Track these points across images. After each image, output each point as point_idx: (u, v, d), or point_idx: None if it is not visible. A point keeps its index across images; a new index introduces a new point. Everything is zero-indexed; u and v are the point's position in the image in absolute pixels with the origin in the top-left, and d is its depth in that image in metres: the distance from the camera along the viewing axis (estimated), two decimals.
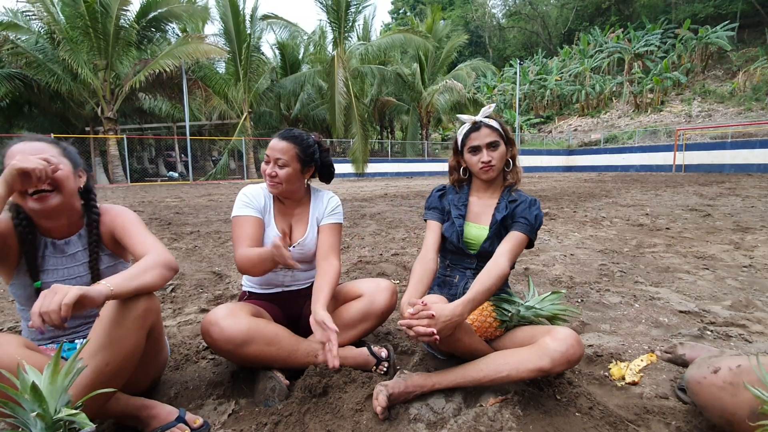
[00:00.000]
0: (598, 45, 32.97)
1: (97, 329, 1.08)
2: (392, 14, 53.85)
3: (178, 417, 1.21)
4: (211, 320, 1.33)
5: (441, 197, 1.62)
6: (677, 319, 2.05)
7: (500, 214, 1.48)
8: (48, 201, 1.18)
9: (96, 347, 1.06)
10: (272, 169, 1.52)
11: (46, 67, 15.18)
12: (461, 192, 1.60)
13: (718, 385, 1.03)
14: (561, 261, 3.27)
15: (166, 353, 1.44)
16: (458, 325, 1.22)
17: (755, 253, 3.35)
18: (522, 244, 1.43)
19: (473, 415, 1.22)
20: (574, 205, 7.07)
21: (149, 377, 1.36)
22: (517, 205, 1.49)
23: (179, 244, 4.16)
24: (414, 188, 12.65)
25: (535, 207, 1.48)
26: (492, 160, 1.47)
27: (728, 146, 19.16)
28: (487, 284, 1.28)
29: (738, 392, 0.98)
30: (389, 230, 4.82)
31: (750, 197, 7.64)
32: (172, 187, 15.63)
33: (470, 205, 1.57)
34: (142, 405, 1.21)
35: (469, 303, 1.23)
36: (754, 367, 0.96)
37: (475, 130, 1.49)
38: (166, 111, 21.60)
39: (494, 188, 1.57)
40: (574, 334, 1.25)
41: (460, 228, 1.51)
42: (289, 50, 23.04)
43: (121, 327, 1.08)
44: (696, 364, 1.16)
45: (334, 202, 1.69)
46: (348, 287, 1.62)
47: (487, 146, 1.47)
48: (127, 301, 1.10)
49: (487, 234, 1.49)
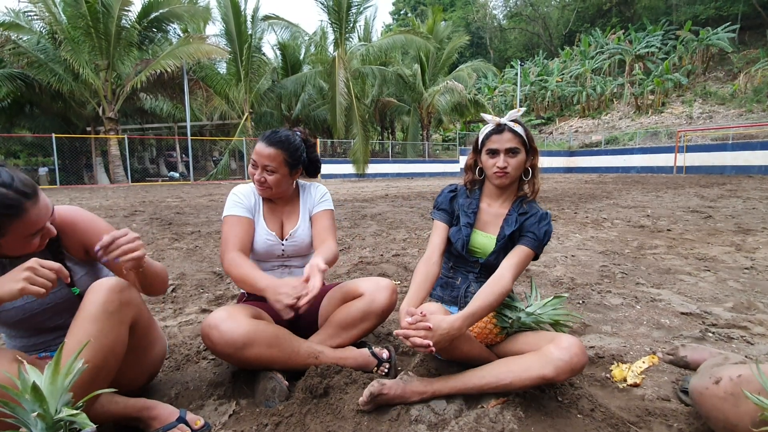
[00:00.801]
0: (599, 46, 32.97)
1: (73, 329, 1.05)
2: (393, 15, 53.90)
3: (179, 418, 1.20)
4: (210, 324, 1.32)
5: (452, 199, 1.56)
6: (679, 321, 2.04)
7: (509, 228, 1.44)
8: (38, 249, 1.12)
9: (73, 346, 1.02)
10: (260, 175, 1.53)
11: (47, 67, 15.19)
12: (472, 196, 1.55)
13: (720, 396, 1.02)
14: (562, 262, 3.27)
15: (162, 347, 1.41)
16: (455, 338, 1.22)
17: (756, 255, 3.35)
18: (528, 259, 1.41)
19: (474, 416, 1.21)
20: (575, 207, 7.06)
21: (145, 372, 1.34)
22: (527, 218, 1.45)
23: (180, 244, 4.16)
24: (415, 189, 12.65)
25: (545, 222, 1.44)
26: (508, 167, 1.42)
27: (729, 148, 19.14)
28: (489, 300, 1.27)
29: (740, 402, 0.97)
30: (390, 231, 4.82)
31: (751, 199, 7.63)
32: (173, 187, 15.64)
33: (480, 212, 1.53)
34: (143, 406, 1.20)
35: (468, 318, 1.23)
36: (755, 373, 0.96)
37: (498, 132, 1.43)
38: (168, 111, 21.62)
39: (507, 196, 1.52)
40: (578, 343, 1.24)
41: (466, 237, 1.48)
42: (290, 51, 23.05)
43: (97, 323, 1.05)
44: (699, 374, 1.15)
45: (321, 190, 1.73)
46: (348, 287, 1.62)
47: (506, 151, 1.41)
48: (101, 295, 1.07)
49: (494, 248, 1.46)
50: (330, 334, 1.53)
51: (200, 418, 1.25)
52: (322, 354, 1.44)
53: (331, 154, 22.80)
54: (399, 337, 1.19)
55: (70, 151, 17.13)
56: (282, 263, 1.68)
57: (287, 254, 1.66)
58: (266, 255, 1.64)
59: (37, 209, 1.03)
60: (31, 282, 0.95)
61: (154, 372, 1.41)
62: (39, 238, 1.08)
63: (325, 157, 21.65)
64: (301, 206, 1.70)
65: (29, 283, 0.95)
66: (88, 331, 1.04)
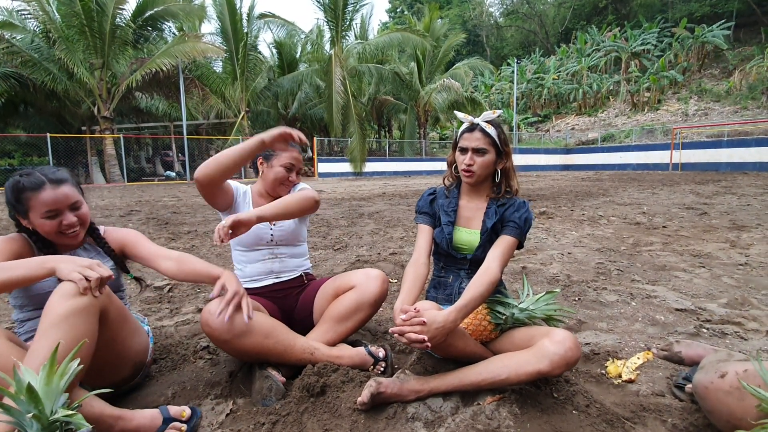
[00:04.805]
0: (595, 44, 33.03)
1: (42, 325, 1.04)
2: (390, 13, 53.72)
3: (164, 420, 1.17)
4: (210, 310, 1.33)
5: (431, 201, 1.60)
6: (673, 317, 2.06)
7: (490, 221, 1.48)
8: (78, 237, 1.38)
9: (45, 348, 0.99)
10: (294, 177, 1.75)
11: (41, 66, 15.08)
12: (451, 196, 1.58)
13: (725, 390, 1.02)
14: (558, 259, 3.28)
15: (143, 336, 1.43)
16: (451, 331, 1.23)
17: (751, 251, 3.37)
18: (512, 248, 1.44)
19: (471, 413, 1.22)
20: (571, 204, 7.08)
21: (128, 363, 1.34)
22: (506, 209, 1.48)
23: (177, 243, 4.15)
24: (412, 187, 12.65)
25: (523, 209, 1.47)
26: (473, 166, 1.46)
27: (724, 145, 19.24)
28: (480, 290, 1.29)
29: (745, 397, 0.97)
30: (387, 229, 4.82)
31: (746, 195, 7.67)
32: (170, 186, 15.59)
33: (460, 209, 1.56)
34: (119, 416, 1.13)
35: (461, 310, 1.24)
36: (756, 368, 0.96)
37: (470, 131, 1.49)
38: (163, 110, 21.52)
39: (482, 193, 1.56)
40: (571, 336, 1.25)
41: (449, 235, 1.51)
42: (286, 49, 22.95)
43: (66, 318, 1.03)
44: (703, 369, 1.15)
45: (302, 185, 1.85)
46: (340, 280, 1.65)
47: (473, 150, 1.46)
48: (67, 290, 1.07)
49: (479, 242, 1.49)
50: (326, 329, 1.55)
51: (185, 408, 1.23)
52: (318, 351, 1.45)
53: (328, 152, 22.76)
54: (394, 335, 1.19)
55: (66, 151, 17.00)
56: (270, 250, 1.72)
57: (276, 240, 1.71)
58: (255, 241, 1.68)
59: (54, 192, 1.29)
60: (83, 275, 1.10)
61: (140, 363, 1.40)
62: (59, 221, 1.30)
63: (322, 156, 21.61)
64: None
65: (82, 276, 1.09)
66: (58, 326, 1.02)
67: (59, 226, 1.31)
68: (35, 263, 1.13)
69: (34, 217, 1.29)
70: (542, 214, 5.76)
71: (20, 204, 1.29)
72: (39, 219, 1.29)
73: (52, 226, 1.30)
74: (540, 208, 6.31)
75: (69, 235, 1.34)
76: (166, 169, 24.30)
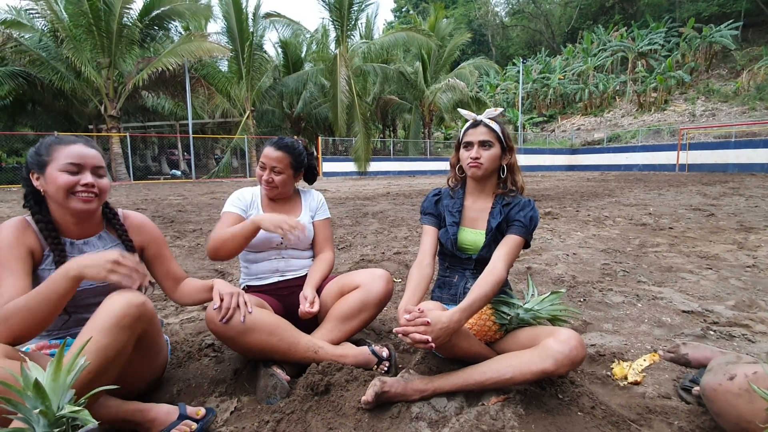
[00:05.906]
0: (601, 44, 32.84)
1: (84, 334, 1.05)
2: (395, 12, 53.72)
3: (179, 415, 1.19)
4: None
5: (437, 202, 1.61)
6: (680, 319, 2.04)
7: (495, 221, 1.48)
8: (91, 203, 1.26)
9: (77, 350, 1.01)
10: (268, 176, 1.69)
11: (49, 65, 15.19)
12: (456, 196, 1.58)
13: (734, 392, 1.01)
14: (563, 260, 3.26)
15: (165, 355, 1.42)
16: (455, 331, 1.22)
17: (759, 253, 3.34)
18: (518, 247, 1.43)
19: (475, 413, 1.21)
20: (576, 204, 7.05)
21: (144, 380, 1.34)
22: (512, 208, 1.48)
23: (182, 242, 4.17)
24: (416, 187, 12.64)
25: (529, 208, 1.47)
26: (481, 158, 1.47)
27: (732, 146, 19.06)
28: (485, 290, 1.28)
29: (754, 399, 0.96)
30: (391, 229, 4.82)
31: (754, 197, 7.60)
32: (175, 185, 15.67)
33: (465, 210, 1.56)
34: (135, 409, 1.17)
35: (466, 310, 1.24)
36: (766, 370, 0.95)
37: (473, 126, 1.51)
38: (169, 109, 21.61)
39: (488, 191, 1.56)
40: (576, 336, 1.25)
41: (454, 236, 1.52)
42: (291, 48, 23.00)
43: (107, 335, 1.05)
44: (712, 371, 1.14)
45: (321, 197, 1.90)
46: (345, 279, 1.66)
47: (479, 144, 1.48)
48: (115, 309, 1.07)
49: (484, 241, 1.48)
50: (330, 328, 1.55)
51: (201, 408, 1.24)
52: (322, 350, 1.46)
53: (333, 152, 22.77)
54: (399, 335, 1.19)
55: None
56: (278, 252, 1.73)
57: (285, 243, 1.72)
58: (263, 243, 1.69)
59: (83, 148, 1.24)
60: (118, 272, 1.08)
61: (154, 379, 1.41)
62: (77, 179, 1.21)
63: (327, 155, 21.63)
64: (303, 203, 1.84)
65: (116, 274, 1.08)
66: (99, 342, 1.04)
67: (75, 184, 1.20)
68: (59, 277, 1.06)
69: (51, 170, 1.19)
70: (547, 215, 5.74)
71: (42, 156, 1.20)
72: (56, 171, 1.18)
73: (68, 181, 1.19)
74: (545, 209, 6.28)
75: (82, 198, 1.22)
76: (171, 168, 24.43)
